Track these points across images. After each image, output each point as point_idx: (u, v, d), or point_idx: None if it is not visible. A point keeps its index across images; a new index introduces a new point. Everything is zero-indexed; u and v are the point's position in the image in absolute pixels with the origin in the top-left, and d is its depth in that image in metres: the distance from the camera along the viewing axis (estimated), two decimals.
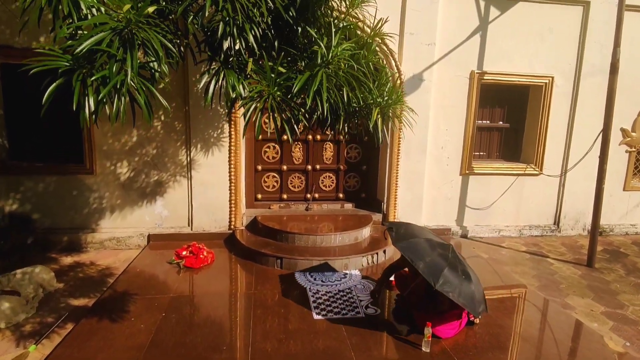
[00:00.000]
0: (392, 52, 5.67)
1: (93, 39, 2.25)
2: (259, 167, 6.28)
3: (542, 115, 6.48)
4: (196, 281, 4.62)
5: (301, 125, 3.24)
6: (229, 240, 5.72)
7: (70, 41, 2.36)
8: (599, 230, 5.60)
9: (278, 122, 3.04)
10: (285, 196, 6.44)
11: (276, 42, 3.28)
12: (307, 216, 6.08)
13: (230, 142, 5.64)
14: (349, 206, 6.54)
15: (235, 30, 2.77)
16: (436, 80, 6.07)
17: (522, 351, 3.46)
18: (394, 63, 5.72)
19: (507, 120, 6.86)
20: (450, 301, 3.32)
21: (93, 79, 2.30)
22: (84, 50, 2.23)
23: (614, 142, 6.28)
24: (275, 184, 6.42)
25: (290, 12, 3.14)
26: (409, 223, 4.16)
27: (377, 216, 6.24)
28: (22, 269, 4.21)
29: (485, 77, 6.24)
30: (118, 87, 2.33)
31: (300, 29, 3.34)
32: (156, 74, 2.62)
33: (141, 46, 2.43)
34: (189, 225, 5.86)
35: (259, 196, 6.39)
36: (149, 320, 3.67)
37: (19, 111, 5.44)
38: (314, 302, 4.11)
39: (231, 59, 3.05)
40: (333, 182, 6.55)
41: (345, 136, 3.73)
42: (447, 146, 6.39)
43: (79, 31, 2.49)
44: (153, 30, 2.45)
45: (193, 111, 5.51)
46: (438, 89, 6.12)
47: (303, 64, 3.28)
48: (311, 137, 6.30)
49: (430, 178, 6.37)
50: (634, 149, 6.91)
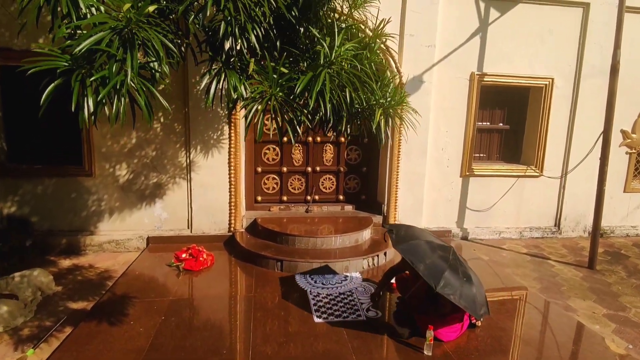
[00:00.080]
0: (392, 53, 5.66)
1: (92, 39, 2.22)
2: (259, 169, 6.26)
3: (542, 117, 6.47)
4: (196, 284, 4.59)
5: (303, 127, 3.22)
6: (228, 243, 5.68)
7: (69, 41, 2.34)
8: (599, 232, 5.58)
9: (280, 123, 3.02)
10: (285, 198, 6.42)
11: (278, 42, 3.25)
12: (307, 218, 6.05)
13: (230, 143, 5.61)
14: (349, 208, 6.51)
15: (237, 30, 2.75)
16: (436, 82, 6.06)
17: (524, 354, 3.44)
18: (394, 65, 5.71)
19: (507, 121, 6.85)
20: (451, 304, 3.31)
21: (92, 79, 2.27)
22: (83, 50, 2.21)
23: (614, 143, 6.27)
24: (275, 185, 6.39)
25: (293, 12, 3.12)
26: (409, 225, 4.15)
27: (378, 218, 6.21)
28: (21, 272, 4.18)
29: (485, 79, 6.23)
30: (118, 88, 2.31)
31: (303, 29, 3.32)
32: (157, 74, 2.60)
33: (141, 46, 2.41)
34: (188, 228, 5.83)
35: (259, 198, 6.36)
36: (148, 324, 3.64)
37: (18, 114, 5.42)
38: (314, 304, 4.09)
39: (233, 59, 3.03)
40: (333, 184, 6.53)
41: (348, 137, 3.71)
42: (448, 148, 6.38)
43: (78, 31, 2.47)
44: (153, 30, 2.43)
45: (193, 113, 5.48)
46: (438, 90, 6.11)
47: (305, 64, 3.26)
48: (311, 138, 6.28)
49: (430, 180, 6.36)
50: (634, 151, 6.91)
